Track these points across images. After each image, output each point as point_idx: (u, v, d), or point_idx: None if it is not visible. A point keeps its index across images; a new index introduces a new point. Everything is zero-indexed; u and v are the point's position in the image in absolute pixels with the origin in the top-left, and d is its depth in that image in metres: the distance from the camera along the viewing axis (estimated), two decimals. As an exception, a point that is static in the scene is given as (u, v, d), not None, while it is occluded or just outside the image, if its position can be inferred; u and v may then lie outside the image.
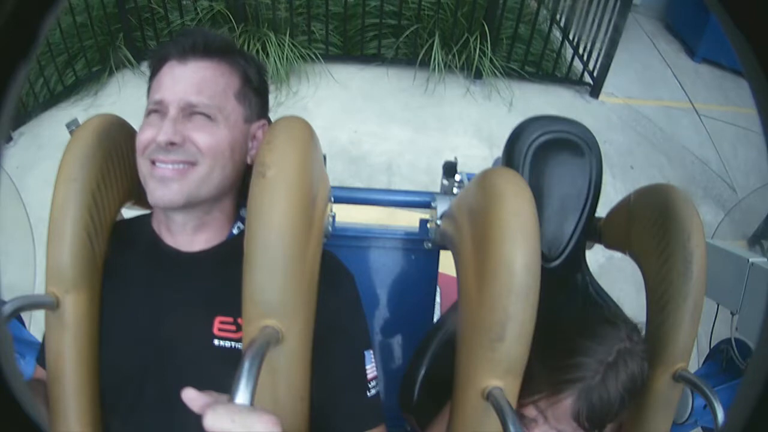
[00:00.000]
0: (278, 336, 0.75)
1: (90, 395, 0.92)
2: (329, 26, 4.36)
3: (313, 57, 4.32)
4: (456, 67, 4.32)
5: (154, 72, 0.99)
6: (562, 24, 4.84)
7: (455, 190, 1.47)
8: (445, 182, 1.51)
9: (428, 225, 1.50)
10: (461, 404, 0.89)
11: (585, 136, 1.29)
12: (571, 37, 4.74)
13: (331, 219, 1.36)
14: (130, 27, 4.24)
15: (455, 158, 1.51)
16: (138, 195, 1.04)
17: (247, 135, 1.01)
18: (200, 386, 0.66)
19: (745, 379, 0.33)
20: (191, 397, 0.65)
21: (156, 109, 0.95)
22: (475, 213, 0.92)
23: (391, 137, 4.04)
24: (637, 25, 5.54)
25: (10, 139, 3.67)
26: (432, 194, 1.48)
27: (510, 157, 1.29)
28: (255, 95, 1.03)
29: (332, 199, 1.32)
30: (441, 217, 1.34)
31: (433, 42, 4.25)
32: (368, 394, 0.98)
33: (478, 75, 4.41)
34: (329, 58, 4.43)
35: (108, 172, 0.96)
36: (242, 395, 0.61)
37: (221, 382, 0.68)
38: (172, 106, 0.93)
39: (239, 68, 1.01)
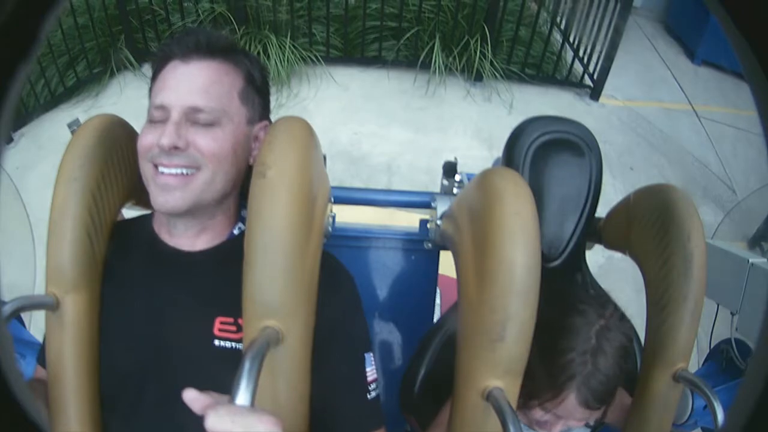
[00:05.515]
0: (278, 336, 0.75)
1: (90, 395, 0.92)
2: (330, 28, 4.35)
3: (314, 59, 4.32)
4: (456, 69, 4.33)
5: (157, 71, 0.98)
6: (562, 26, 4.83)
7: (455, 190, 1.47)
8: (445, 182, 1.50)
9: (428, 225, 1.49)
10: (461, 404, 0.88)
11: (585, 136, 1.29)
12: (571, 40, 4.74)
13: (331, 219, 1.36)
14: (131, 28, 4.24)
15: (455, 158, 1.50)
16: (138, 195, 1.04)
17: (249, 136, 1.00)
18: (201, 386, 0.66)
19: (745, 379, 0.33)
20: (192, 397, 0.65)
21: (159, 114, 0.93)
22: (475, 213, 0.92)
23: (391, 138, 4.04)
24: (637, 26, 5.55)
25: (11, 140, 3.67)
26: (432, 194, 1.47)
27: (510, 157, 1.28)
28: (258, 96, 1.03)
29: (332, 199, 1.32)
30: (441, 218, 1.34)
31: (434, 44, 4.25)
32: (368, 396, 0.97)
33: (479, 77, 4.41)
34: (330, 60, 4.44)
35: (108, 172, 0.95)
36: (243, 396, 0.61)
37: (222, 383, 0.67)
38: (175, 110, 0.91)
39: (243, 68, 1.00)
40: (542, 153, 1.27)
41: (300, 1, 4.28)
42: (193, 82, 0.93)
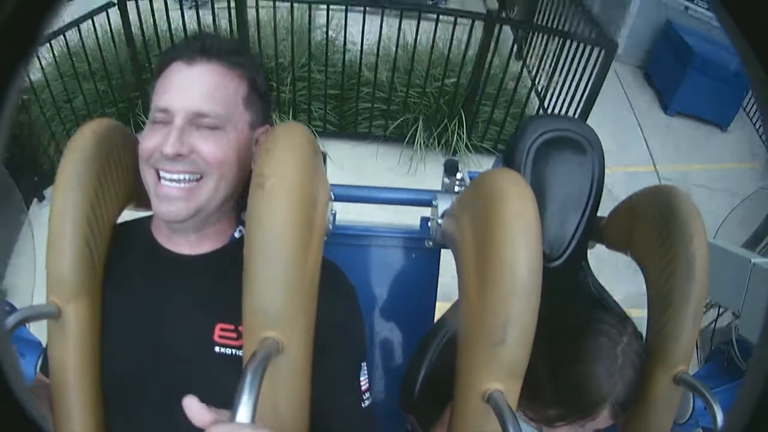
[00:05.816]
0: (279, 347, 0.71)
1: (93, 399, 0.88)
2: (327, 106, 4.49)
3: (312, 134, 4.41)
4: (436, 147, 4.46)
5: (160, 71, 0.91)
6: (540, 88, 4.74)
7: (457, 189, 1.41)
8: (447, 180, 1.44)
9: (429, 223, 1.43)
10: (462, 406, 0.84)
11: (587, 134, 1.25)
12: (546, 105, 4.67)
13: (331, 217, 1.30)
14: (147, 95, 4.32)
15: (457, 157, 1.47)
16: (138, 197, 0.98)
17: (251, 141, 0.94)
18: (200, 391, 0.62)
19: (746, 379, 0.31)
20: (194, 408, 0.60)
21: (162, 116, 0.87)
22: (477, 214, 0.88)
23: (374, 219, 4.05)
24: (615, 76, 5.55)
25: (42, 197, 3.70)
26: (434, 192, 1.41)
27: (512, 155, 1.24)
28: (260, 100, 0.96)
29: (333, 197, 1.25)
30: (442, 216, 1.28)
31: (418, 126, 4.42)
32: (362, 405, 0.92)
33: (455, 153, 4.48)
34: (326, 134, 4.54)
35: (106, 178, 0.90)
36: (244, 410, 0.58)
37: (221, 388, 0.62)
38: (179, 115, 0.85)
39: (247, 72, 0.94)
40: (544, 151, 1.22)
41: (302, 81, 4.40)
42: (198, 86, 0.87)
